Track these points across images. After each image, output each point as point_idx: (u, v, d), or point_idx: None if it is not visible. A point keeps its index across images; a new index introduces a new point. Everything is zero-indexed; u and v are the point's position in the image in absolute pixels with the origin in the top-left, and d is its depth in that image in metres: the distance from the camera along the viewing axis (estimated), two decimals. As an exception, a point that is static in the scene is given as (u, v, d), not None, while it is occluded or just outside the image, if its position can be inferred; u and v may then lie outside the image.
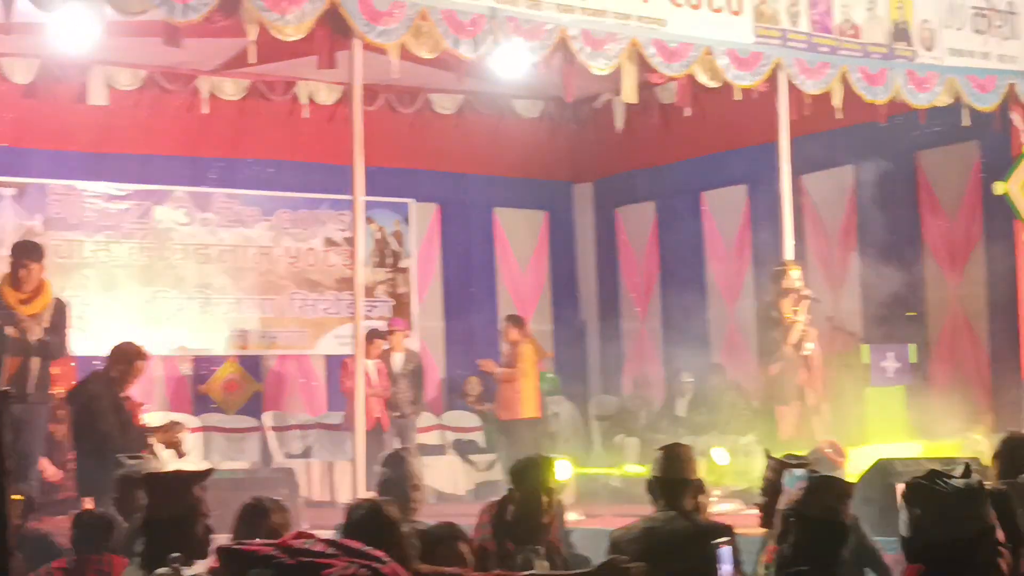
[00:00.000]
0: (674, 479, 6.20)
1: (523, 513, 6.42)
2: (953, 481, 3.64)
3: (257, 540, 4.13)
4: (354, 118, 10.71)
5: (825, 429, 11.86)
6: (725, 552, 5.01)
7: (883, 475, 8.82)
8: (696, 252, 16.82)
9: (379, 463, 7.30)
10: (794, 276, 12.10)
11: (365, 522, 4.66)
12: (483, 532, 6.60)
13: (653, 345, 17.27)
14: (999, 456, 7.30)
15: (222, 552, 3.85)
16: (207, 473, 5.01)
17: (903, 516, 3.69)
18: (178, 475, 5.07)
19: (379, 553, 3.82)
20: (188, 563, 4.43)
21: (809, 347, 12.09)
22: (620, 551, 5.70)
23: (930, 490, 3.63)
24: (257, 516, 5.64)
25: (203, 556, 4.67)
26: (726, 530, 5.91)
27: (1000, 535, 3.64)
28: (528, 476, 6.50)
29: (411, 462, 7.15)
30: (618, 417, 15.93)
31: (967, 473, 3.68)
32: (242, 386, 15.59)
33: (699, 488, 6.26)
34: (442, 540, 5.49)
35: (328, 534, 4.18)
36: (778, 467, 6.30)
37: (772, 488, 6.19)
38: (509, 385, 14.14)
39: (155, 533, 4.73)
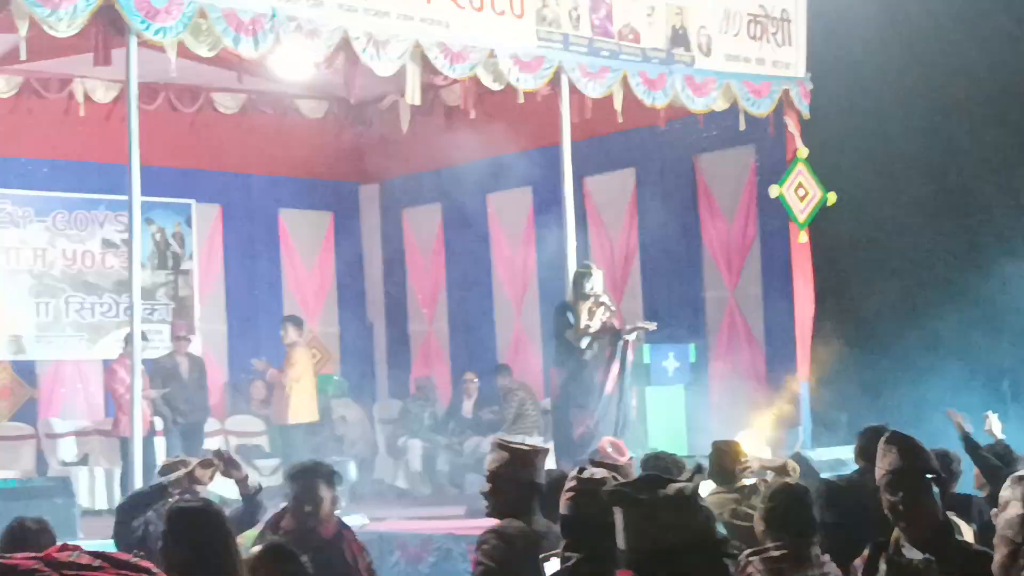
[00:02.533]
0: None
1: (298, 519, 6.35)
2: (666, 488, 3.41)
3: (19, 555, 3.98)
4: (130, 117, 10.44)
5: (610, 424, 11.98)
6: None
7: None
8: (482, 254, 16.89)
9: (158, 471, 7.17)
10: (596, 279, 12.13)
11: (189, 530, 4.57)
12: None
13: (439, 347, 17.29)
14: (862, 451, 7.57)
15: (-19, 567, 3.69)
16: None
17: (616, 521, 3.50)
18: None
19: (147, 564, 3.71)
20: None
21: (604, 350, 12.09)
22: (510, 539, 5.53)
23: (632, 497, 3.43)
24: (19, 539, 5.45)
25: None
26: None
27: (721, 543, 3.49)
28: (298, 481, 6.42)
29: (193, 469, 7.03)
30: (403, 419, 15.90)
31: (693, 477, 3.49)
32: (15, 392, 15.10)
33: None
34: None
35: (102, 545, 4.06)
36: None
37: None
38: (281, 388, 14.07)
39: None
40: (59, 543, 4.46)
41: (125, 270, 14.45)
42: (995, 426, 10.24)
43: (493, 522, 5.68)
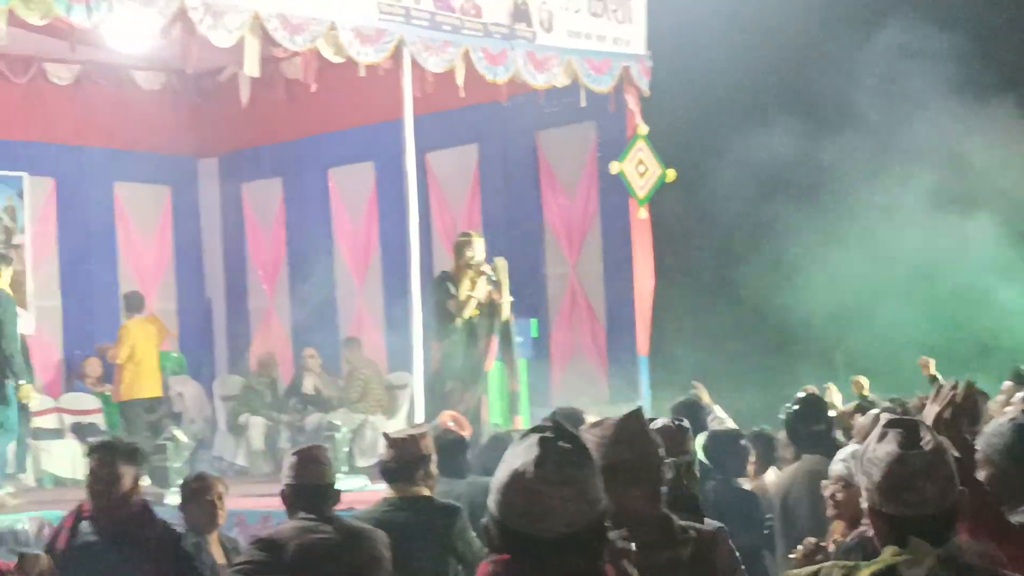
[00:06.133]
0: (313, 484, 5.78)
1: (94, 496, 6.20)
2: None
3: None
4: (-43, 86, 10.14)
5: (498, 399, 12.00)
6: None
7: (498, 448, 8.99)
8: (324, 229, 16.74)
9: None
10: (477, 248, 12.05)
11: None
12: None
13: (281, 323, 17.12)
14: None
15: None
16: None
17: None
18: None
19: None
20: None
21: (483, 322, 12.01)
22: (279, 548, 5.51)
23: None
24: None
25: None
26: (379, 533, 5.77)
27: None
28: (93, 457, 6.23)
29: None
30: (243, 396, 15.72)
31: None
32: None
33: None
34: None
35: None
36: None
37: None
38: (120, 365, 13.87)
39: None
40: None
41: (-47, 245, 14.08)
42: (835, 397, 10.51)
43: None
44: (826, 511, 6.03)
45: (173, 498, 11.34)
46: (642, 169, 14.10)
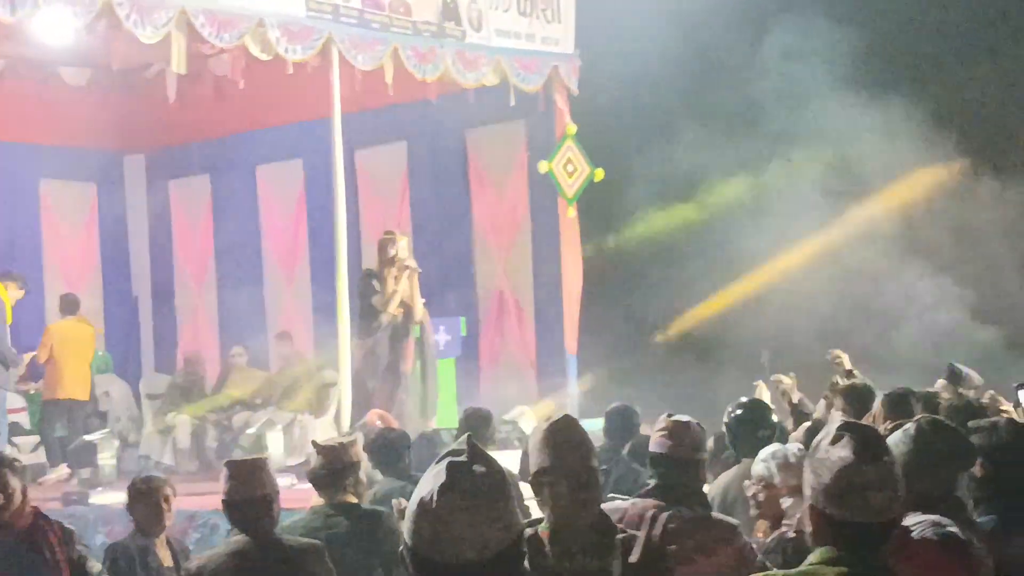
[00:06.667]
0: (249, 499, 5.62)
1: None
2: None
3: None
4: None
5: (416, 400, 11.98)
6: None
7: (428, 447, 9.01)
8: (252, 226, 16.66)
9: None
10: (401, 246, 12.01)
11: None
12: None
13: (208, 321, 17.02)
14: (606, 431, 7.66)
15: None
16: None
17: None
18: None
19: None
20: None
21: (408, 321, 11.98)
22: None
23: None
24: None
25: None
26: (318, 548, 5.68)
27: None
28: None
29: None
30: (170, 395, 15.59)
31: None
32: None
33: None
34: None
35: None
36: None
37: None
38: (47, 365, 13.76)
39: None
40: None
41: None
42: (764, 395, 10.59)
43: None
44: (749, 511, 6.07)
45: (98, 497, 11.29)
46: (571, 168, 14.16)
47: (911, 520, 4.15)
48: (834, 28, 13.41)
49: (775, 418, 7.84)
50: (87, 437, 13.49)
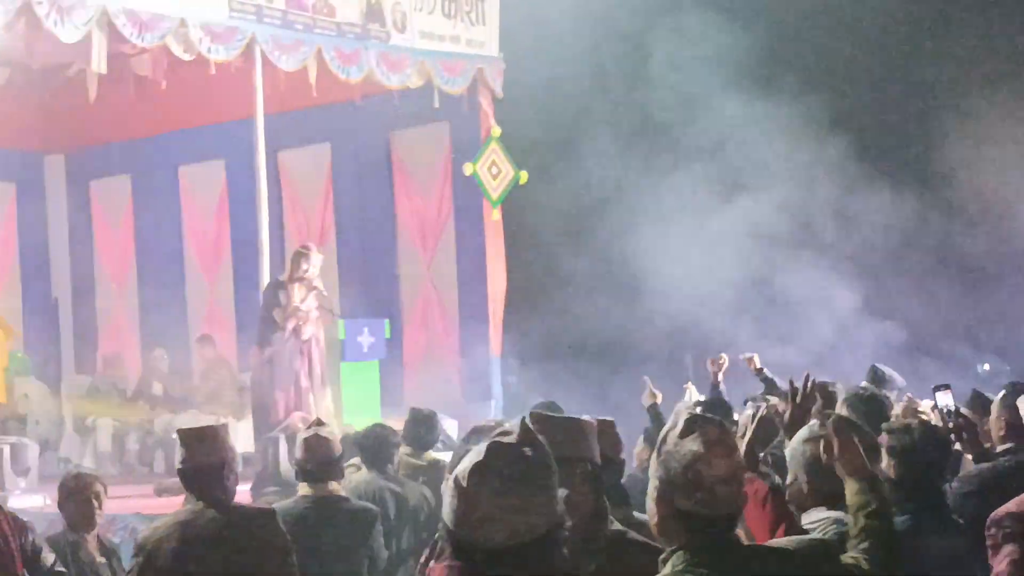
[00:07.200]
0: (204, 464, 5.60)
1: None
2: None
3: None
4: None
5: (325, 410, 11.90)
6: None
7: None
8: (174, 227, 16.55)
9: None
10: (314, 262, 11.84)
11: None
12: None
13: (129, 322, 16.87)
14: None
15: None
16: None
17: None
18: None
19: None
20: None
21: (308, 331, 11.92)
22: (150, 553, 5.46)
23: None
24: None
25: None
26: (269, 513, 5.75)
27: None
28: None
29: None
30: (90, 397, 15.43)
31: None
32: None
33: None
34: None
35: None
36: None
37: None
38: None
39: None
40: None
41: None
42: (694, 396, 10.65)
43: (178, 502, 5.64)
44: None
45: (16, 500, 11.14)
46: (495, 171, 14.19)
47: (815, 516, 4.22)
48: (728, 29, 13.48)
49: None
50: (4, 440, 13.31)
